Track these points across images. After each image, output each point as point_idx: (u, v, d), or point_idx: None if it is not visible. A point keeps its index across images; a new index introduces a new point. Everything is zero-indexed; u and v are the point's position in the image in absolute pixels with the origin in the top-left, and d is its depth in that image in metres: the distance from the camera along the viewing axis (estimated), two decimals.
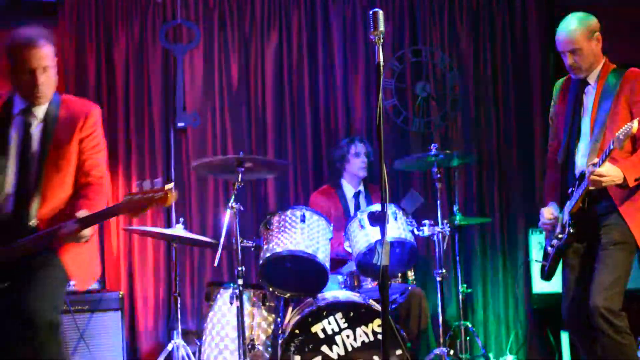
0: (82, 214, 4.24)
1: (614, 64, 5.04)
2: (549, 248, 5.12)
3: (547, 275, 5.19)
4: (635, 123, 4.41)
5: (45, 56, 4.45)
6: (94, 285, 6.31)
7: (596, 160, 4.58)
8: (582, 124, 5.01)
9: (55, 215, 4.42)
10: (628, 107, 4.83)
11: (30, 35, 4.43)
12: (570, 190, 4.96)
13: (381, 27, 3.81)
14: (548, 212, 5.11)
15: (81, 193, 4.50)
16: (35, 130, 4.49)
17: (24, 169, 4.42)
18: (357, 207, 6.76)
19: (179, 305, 6.33)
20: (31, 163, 4.43)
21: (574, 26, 4.93)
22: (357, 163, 6.82)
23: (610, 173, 4.57)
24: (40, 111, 4.51)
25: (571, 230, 4.90)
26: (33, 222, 4.38)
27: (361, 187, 6.89)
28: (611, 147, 4.49)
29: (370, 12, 3.84)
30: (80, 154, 4.54)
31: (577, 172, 4.95)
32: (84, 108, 4.64)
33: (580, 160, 4.95)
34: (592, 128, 4.91)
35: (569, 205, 4.93)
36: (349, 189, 6.87)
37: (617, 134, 4.47)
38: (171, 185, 4.22)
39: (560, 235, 4.98)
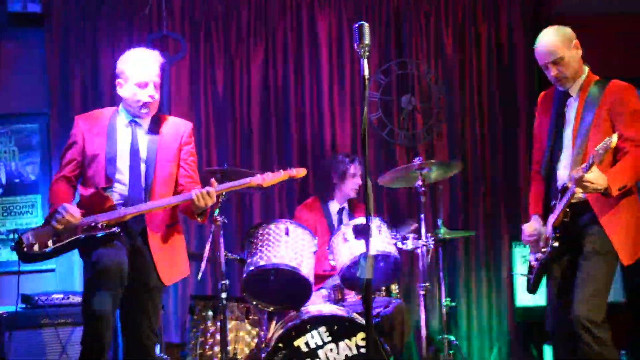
0: (215, 183, 4.94)
1: (597, 76, 5.06)
2: (534, 261, 5.13)
3: (532, 288, 5.20)
4: (614, 137, 4.43)
5: (158, 74, 5.13)
6: (77, 298, 6.28)
7: (584, 164, 4.57)
8: (564, 136, 5.03)
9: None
10: (610, 120, 4.85)
11: (151, 53, 5.16)
12: (553, 202, 4.97)
13: (367, 40, 3.82)
14: (529, 228, 5.13)
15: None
16: (143, 139, 5.09)
17: (136, 169, 5.01)
18: (340, 222, 6.74)
19: (162, 318, 6.31)
20: (141, 165, 5.03)
21: (551, 37, 4.97)
22: (351, 184, 6.79)
23: (597, 180, 4.56)
24: (146, 123, 5.16)
25: (555, 244, 4.91)
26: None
27: (345, 205, 6.86)
28: (591, 161, 4.51)
29: (356, 25, 3.84)
30: (181, 160, 5.20)
31: (559, 184, 4.97)
32: (183, 123, 5.32)
33: (562, 173, 4.98)
34: (574, 140, 4.93)
35: (551, 218, 4.94)
36: (334, 205, 6.85)
37: (596, 148, 4.49)
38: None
39: (544, 249, 5.00)
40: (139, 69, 5.04)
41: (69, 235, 4.76)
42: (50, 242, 4.73)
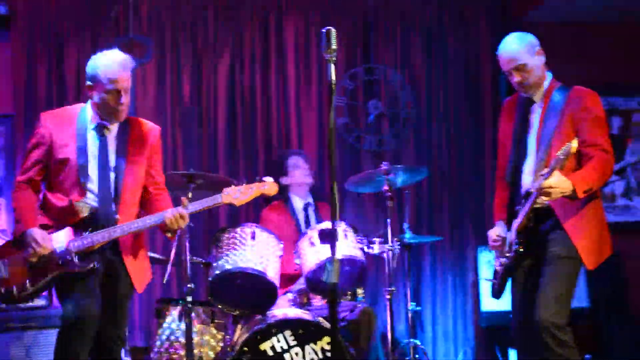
0: (186, 202, 4.89)
1: (559, 82, 5.08)
2: (498, 266, 5.16)
3: (496, 293, 5.23)
4: (574, 142, 4.46)
5: (129, 79, 4.94)
6: (42, 301, 6.23)
7: (545, 170, 4.60)
8: (528, 142, 5.05)
9: (130, 216, 4.94)
10: (573, 126, 4.87)
11: (123, 58, 4.94)
12: (517, 208, 5.00)
13: (334, 46, 3.79)
14: (494, 233, 5.16)
15: (158, 198, 5.10)
16: (112, 145, 4.95)
17: (105, 178, 4.86)
18: (307, 221, 6.75)
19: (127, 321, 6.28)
20: (110, 173, 4.89)
21: (514, 44, 4.99)
22: (299, 173, 6.82)
23: (560, 185, 4.56)
24: (114, 128, 4.97)
25: (519, 249, 4.93)
26: (116, 217, 4.85)
27: (310, 199, 6.87)
28: (552, 166, 4.54)
29: (324, 30, 3.83)
30: (149, 166, 5.06)
31: (524, 190, 4.99)
32: (152, 128, 5.15)
33: (526, 179, 5.00)
34: (538, 146, 4.95)
35: (515, 223, 4.96)
36: (298, 202, 6.85)
37: (557, 153, 4.52)
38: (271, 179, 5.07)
39: (508, 254, 5.02)
40: (111, 75, 4.83)
41: (44, 270, 4.69)
42: (28, 284, 4.68)
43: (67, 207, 4.76)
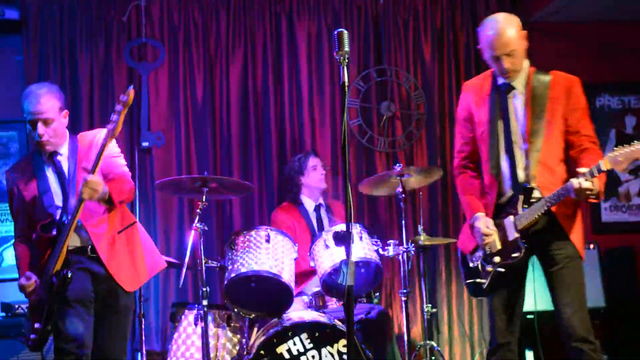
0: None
1: (534, 67, 4.82)
2: (487, 265, 4.83)
3: (484, 292, 4.90)
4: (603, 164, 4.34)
5: (51, 109, 4.82)
6: None
7: (585, 169, 4.39)
8: (514, 133, 4.75)
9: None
10: (563, 116, 4.67)
11: (35, 90, 4.84)
12: (512, 197, 4.75)
13: (346, 47, 3.80)
14: (485, 227, 4.80)
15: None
16: (65, 166, 4.92)
17: (66, 193, 4.85)
18: (319, 221, 6.75)
19: (143, 326, 6.29)
20: (70, 190, 4.84)
21: (508, 28, 4.68)
22: (316, 176, 6.82)
23: (596, 187, 4.41)
24: (64, 150, 4.98)
25: (525, 246, 4.67)
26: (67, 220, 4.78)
27: (321, 200, 6.86)
28: (595, 173, 4.37)
29: (335, 32, 3.83)
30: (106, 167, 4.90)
31: (514, 186, 4.74)
32: (98, 131, 5.03)
33: (521, 173, 4.72)
34: (529, 138, 4.69)
35: (516, 221, 4.69)
36: (309, 204, 6.84)
37: (601, 162, 4.35)
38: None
39: (514, 254, 4.69)
40: (26, 105, 4.83)
41: (40, 304, 4.76)
42: (37, 326, 4.75)
43: (38, 235, 4.80)
